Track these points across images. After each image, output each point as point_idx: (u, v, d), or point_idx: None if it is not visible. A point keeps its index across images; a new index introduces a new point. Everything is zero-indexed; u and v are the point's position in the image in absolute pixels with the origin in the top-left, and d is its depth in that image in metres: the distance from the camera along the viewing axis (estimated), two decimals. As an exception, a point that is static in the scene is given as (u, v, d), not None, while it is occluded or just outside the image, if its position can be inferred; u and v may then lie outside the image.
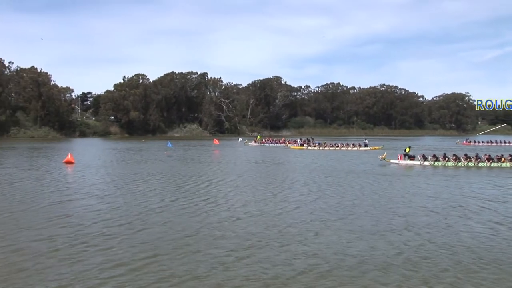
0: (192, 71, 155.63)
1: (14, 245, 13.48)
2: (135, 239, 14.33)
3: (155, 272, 11.39)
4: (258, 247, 13.72)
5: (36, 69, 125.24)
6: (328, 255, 12.88)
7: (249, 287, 10.65)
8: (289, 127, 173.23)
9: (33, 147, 69.54)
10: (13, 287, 10.39)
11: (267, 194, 23.70)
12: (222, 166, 40.08)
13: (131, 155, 54.57)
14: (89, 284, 10.54)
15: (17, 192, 23.50)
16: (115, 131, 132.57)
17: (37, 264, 11.76)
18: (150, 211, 18.76)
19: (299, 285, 10.71)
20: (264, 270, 11.68)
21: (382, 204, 20.90)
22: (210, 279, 11.02)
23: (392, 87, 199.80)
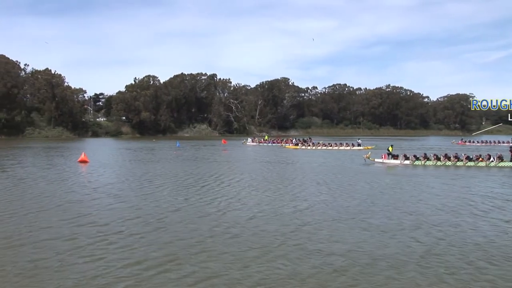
0: (201, 73, 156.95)
1: (37, 242, 13.91)
2: (153, 238, 14.66)
3: (174, 271, 11.66)
4: (275, 245, 14.06)
5: (50, 71, 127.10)
6: (343, 253, 13.22)
7: (267, 285, 10.88)
8: (297, 127, 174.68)
9: (48, 147, 71.05)
10: (37, 284, 10.74)
11: (279, 192, 24.08)
12: (232, 165, 40.85)
13: (143, 154, 55.48)
14: (109, 282, 10.85)
15: (37, 190, 24.11)
16: (126, 131, 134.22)
17: (59, 262, 12.13)
18: (167, 210, 19.16)
19: (316, 283, 11.03)
20: (282, 268, 11.98)
21: (390, 202, 21.13)
22: (228, 278, 11.28)
23: (398, 88, 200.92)
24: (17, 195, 22.68)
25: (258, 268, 11.99)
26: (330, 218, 17.90)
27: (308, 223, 17.11)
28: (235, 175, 32.96)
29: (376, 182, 29.22)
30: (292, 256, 12.92)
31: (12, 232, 15.12)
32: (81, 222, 16.60)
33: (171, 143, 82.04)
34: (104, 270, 11.58)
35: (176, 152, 59.58)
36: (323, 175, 32.75)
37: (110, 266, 11.84)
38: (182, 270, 11.77)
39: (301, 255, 13.09)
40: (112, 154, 56.82)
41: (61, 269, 11.64)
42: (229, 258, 12.74)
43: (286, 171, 36.25)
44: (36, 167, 37.57)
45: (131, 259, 12.48)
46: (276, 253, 13.26)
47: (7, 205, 19.85)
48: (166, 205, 20.23)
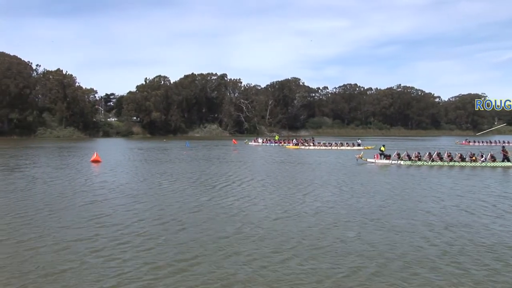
0: (212, 73, 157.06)
1: (57, 244, 13.60)
2: (174, 240, 14.32)
3: (198, 274, 11.35)
4: (302, 246, 13.72)
5: (62, 71, 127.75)
6: (373, 255, 12.84)
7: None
8: (307, 128, 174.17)
9: (61, 147, 71.34)
10: (61, 285, 10.54)
11: (298, 193, 23.66)
12: (245, 165, 40.56)
13: (155, 154, 55.36)
14: (131, 286, 10.57)
15: (53, 190, 23.90)
16: (137, 131, 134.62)
17: (82, 263, 11.89)
18: (187, 210, 18.83)
19: (350, 285, 10.76)
20: (311, 270, 11.64)
21: (406, 202, 20.74)
22: (255, 281, 10.94)
23: (409, 88, 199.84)
24: (36, 195, 22.42)
25: (287, 271, 11.62)
26: (353, 219, 17.53)
27: (333, 224, 16.73)
28: (250, 175, 32.67)
29: (378, 182, 28.91)
30: (322, 259, 12.55)
31: (35, 232, 14.84)
32: (102, 223, 16.33)
33: (182, 143, 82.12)
34: (127, 272, 11.34)
35: (186, 152, 59.56)
36: (333, 175, 32.68)
37: (131, 270, 11.56)
38: (206, 272, 11.48)
39: (330, 257, 12.75)
40: (124, 154, 56.71)
41: (84, 271, 11.38)
42: (257, 261, 12.35)
43: (297, 171, 35.90)
44: (51, 167, 37.44)
45: (153, 261, 12.20)
46: (305, 255, 12.86)
47: (28, 205, 19.60)
48: (186, 206, 19.91)
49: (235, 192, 24.32)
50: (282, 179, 30.54)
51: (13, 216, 17.35)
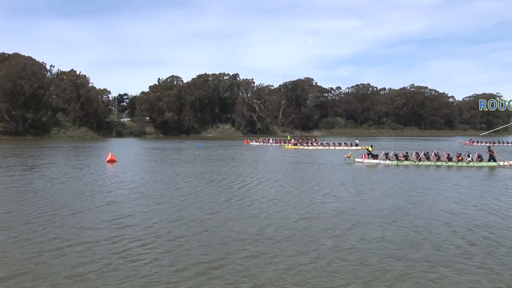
0: (224, 73, 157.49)
1: (80, 245, 13.41)
2: (197, 241, 14.02)
3: (223, 276, 11.07)
4: (327, 247, 13.41)
5: (75, 72, 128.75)
6: (399, 256, 12.50)
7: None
8: (320, 128, 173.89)
9: (76, 146, 71.84)
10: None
11: (317, 193, 23.17)
12: (260, 165, 40.22)
13: (170, 154, 55.36)
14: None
15: (71, 191, 23.72)
16: (150, 131, 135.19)
17: (105, 266, 11.63)
18: (206, 211, 18.53)
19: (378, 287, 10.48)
20: (338, 271, 11.35)
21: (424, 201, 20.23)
22: (282, 282, 10.70)
23: (422, 87, 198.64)
24: (56, 195, 22.25)
25: (315, 272, 11.33)
26: (374, 220, 17.17)
27: (355, 224, 16.43)
28: (265, 174, 32.43)
29: (389, 182, 28.33)
30: (348, 260, 12.24)
31: (57, 233, 14.61)
32: (123, 223, 16.10)
33: (195, 144, 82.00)
34: (152, 274, 11.09)
35: (198, 152, 59.50)
36: (344, 174, 32.57)
37: (157, 270, 11.34)
38: (231, 274, 11.18)
39: (355, 257, 12.43)
40: (139, 154, 56.74)
41: (108, 273, 11.13)
42: (282, 262, 12.02)
43: (310, 171, 35.63)
44: (68, 166, 37.45)
45: (177, 262, 11.93)
46: (330, 256, 12.57)
47: (48, 205, 19.45)
48: (206, 206, 19.63)
49: (253, 192, 24.04)
50: (297, 178, 30.28)
51: (34, 216, 17.20)
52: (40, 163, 40.24)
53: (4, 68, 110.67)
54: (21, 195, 22.13)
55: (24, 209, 18.55)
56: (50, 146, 73.59)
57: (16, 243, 13.50)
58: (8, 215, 17.39)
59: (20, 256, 12.20)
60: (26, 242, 13.53)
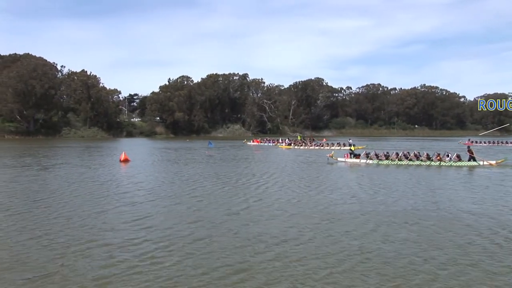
0: (234, 73, 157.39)
1: (101, 247, 13.11)
2: (221, 242, 13.67)
3: (249, 280, 10.71)
4: (353, 248, 13.07)
5: (86, 72, 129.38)
6: (427, 258, 12.04)
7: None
8: (330, 128, 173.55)
9: (88, 146, 72.11)
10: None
11: (337, 194, 22.58)
12: (272, 165, 39.71)
13: (182, 154, 55.24)
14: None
15: (90, 191, 23.44)
16: (160, 131, 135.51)
17: (129, 268, 11.35)
18: (226, 212, 18.19)
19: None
20: (366, 273, 11.03)
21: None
22: (314, 285, 10.38)
23: (433, 87, 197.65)
24: (73, 195, 22.01)
25: (344, 275, 10.99)
26: (395, 220, 16.81)
27: (378, 225, 16.08)
28: (280, 175, 32.06)
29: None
30: (375, 262, 11.88)
31: (79, 234, 14.33)
32: (143, 225, 15.78)
33: (206, 143, 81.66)
34: (177, 276, 10.82)
35: (209, 151, 59.37)
36: (359, 175, 32.36)
37: (182, 273, 11.04)
38: (258, 278, 10.80)
39: (383, 259, 12.09)
40: (151, 153, 56.64)
41: (133, 275, 10.85)
42: (310, 265, 11.64)
43: (323, 171, 35.28)
44: (83, 166, 37.35)
45: (202, 264, 11.61)
46: (357, 258, 12.22)
47: (67, 205, 19.18)
48: (225, 207, 19.27)
49: (271, 193, 23.63)
50: (312, 178, 29.98)
51: (54, 216, 16.98)
52: (55, 163, 40.24)
53: (16, 69, 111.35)
54: (39, 195, 21.95)
55: (43, 209, 18.33)
56: (62, 146, 73.83)
57: (39, 243, 13.26)
58: (28, 215, 17.19)
59: (44, 258, 11.95)
60: (48, 243, 13.28)
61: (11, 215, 17.14)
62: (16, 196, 21.71)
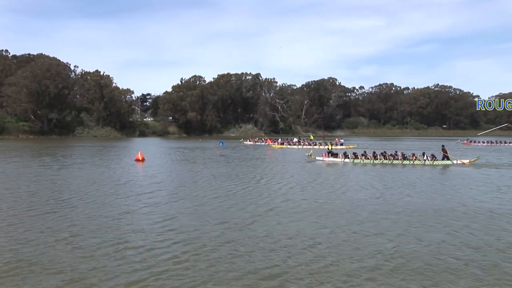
0: (246, 72, 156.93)
1: (132, 249, 12.89)
2: (252, 245, 13.29)
3: (291, 283, 10.43)
4: (393, 251, 12.63)
5: (99, 72, 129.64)
6: (468, 260, 11.48)
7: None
8: (343, 128, 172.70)
9: (103, 146, 72.34)
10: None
11: (361, 194, 22.17)
12: (290, 166, 39.26)
13: (198, 153, 55.40)
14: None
15: (111, 191, 23.19)
16: (173, 131, 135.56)
17: (162, 272, 11.07)
18: (253, 213, 17.76)
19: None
20: (415, 278, 10.58)
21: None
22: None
23: (446, 87, 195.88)
24: (95, 196, 21.70)
25: (385, 277, 10.67)
26: (426, 220, 16.48)
27: (410, 225, 15.82)
28: (299, 175, 31.74)
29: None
30: (412, 265, 11.49)
31: (105, 236, 13.98)
32: (170, 227, 15.41)
33: (218, 143, 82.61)
34: (210, 282, 10.44)
35: (220, 151, 59.38)
36: (382, 174, 31.51)
37: (213, 278, 10.67)
38: (296, 282, 10.44)
39: (422, 262, 11.70)
40: (166, 153, 56.60)
41: (164, 281, 10.48)
42: (348, 268, 11.25)
43: (341, 170, 34.87)
44: (102, 166, 37.26)
45: (234, 270, 11.18)
46: (396, 261, 11.82)
47: (90, 206, 18.87)
48: (251, 208, 18.92)
49: (294, 193, 23.15)
50: (332, 178, 29.57)
51: (80, 218, 16.67)
52: (73, 162, 40.28)
53: (30, 69, 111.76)
54: (61, 195, 21.72)
55: (68, 209, 18.05)
56: (78, 145, 74.14)
57: (66, 246, 12.93)
58: (53, 215, 16.91)
59: (72, 261, 11.61)
60: (76, 246, 12.96)
61: (37, 216, 16.86)
62: (40, 196, 21.45)
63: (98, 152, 56.69)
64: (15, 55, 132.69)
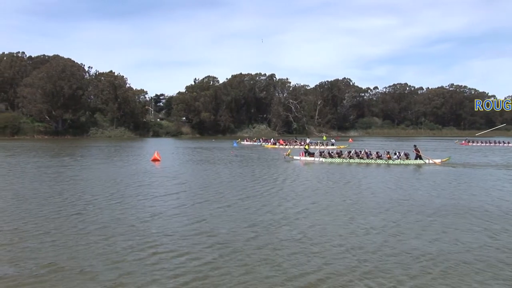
0: (260, 73, 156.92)
1: (165, 253, 12.48)
2: (291, 248, 12.80)
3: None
4: (436, 254, 12.00)
5: (113, 73, 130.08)
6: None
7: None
8: (357, 128, 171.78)
9: (118, 146, 72.60)
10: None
11: (391, 196, 21.41)
12: (315, 167, 38.72)
13: (213, 153, 55.38)
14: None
15: (137, 193, 22.77)
16: (186, 131, 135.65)
17: (203, 279, 10.68)
18: (282, 216, 17.20)
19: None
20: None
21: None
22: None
23: (461, 87, 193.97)
24: (120, 198, 21.32)
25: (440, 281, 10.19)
26: (464, 221, 15.57)
27: (447, 227, 15.12)
28: (323, 176, 31.09)
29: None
30: (467, 272, 10.82)
31: (136, 241, 13.47)
32: (201, 230, 14.89)
33: (231, 143, 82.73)
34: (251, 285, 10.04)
35: (233, 151, 59.26)
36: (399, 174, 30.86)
37: (253, 283, 10.22)
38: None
39: (473, 269, 10.99)
40: (181, 153, 56.71)
41: (206, 285, 10.09)
42: (393, 276, 10.63)
43: (366, 171, 34.15)
44: (122, 167, 37.02)
45: (275, 276, 10.64)
46: (442, 265, 11.37)
47: (116, 209, 18.39)
48: (280, 210, 18.39)
49: (322, 195, 22.51)
50: (358, 178, 28.86)
51: (107, 220, 16.25)
52: (93, 163, 40.28)
53: (45, 70, 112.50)
54: (86, 196, 21.34)
55: (94, 212, 17.61)
56: (93, 145, 74.26)
57: (97, 250, 12.49)
58: (80, 217, 16.50)
59: (103, 267, 11.13)
60: (106, 250, 12.50)
61: (64, 217, 16.51)
62: (65, 197, 21.07)
63: (116, 152, 56.71)
64: (30, 56, 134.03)
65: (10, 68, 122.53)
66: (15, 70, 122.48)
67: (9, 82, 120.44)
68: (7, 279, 10.34)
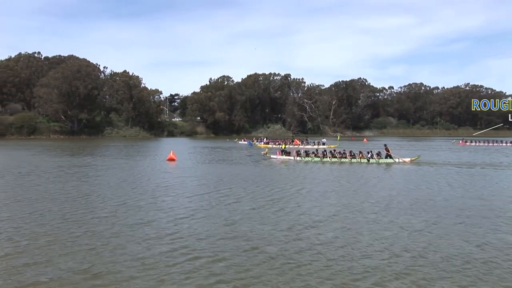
0: (275, 73, 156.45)
1: (197, 259, 12.15)
2: (330, 256, 12.30)
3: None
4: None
5: (128, 73, 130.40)
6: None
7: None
8: (371, 128, 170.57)
9: (135, 146, 72.83)
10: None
11: (417, 199, 20.69)
12: (330, 167, 38.19)
13: (227, 153, 55.35)
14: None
15: (163, 193, 22.64)
16: (201, 131, 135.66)
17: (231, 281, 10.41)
18: (319, 220, 16.62)
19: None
20: None
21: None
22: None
23: (478, 86, 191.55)
24: (149, 198, 21.08)
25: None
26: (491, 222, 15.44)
27: (489, 231, 14.21)
28: (341, 178, 30.41)
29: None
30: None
31: (170, 246, 13.10)
32: (235, 233, 14.49)
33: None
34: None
35: (247, 151, 59.20)
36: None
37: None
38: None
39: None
40: (198, 152, 56.81)
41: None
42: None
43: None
44: (143, 167, 37.03)
45: (321, 284, 10.26)
46: (484, 267, 11.10)
47: (147, 211, 18.13)
48: (310, 213, 17.78)
49: (342, 197, 21.91)
50: (379, 180, 28.34)
51: (135, 222, 15.92)
52: (115, 162, 40.34)
53: (61, 70, 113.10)
54: (114, 198, 21.03)
55: (124, 214, 17.23)
56: (110, 145, 74.59)
57: (130, 254, 12.14)
58: (111, 220, 16.18)
59: (126, 272, 10.81)
60: (142, 255, 12.12)
61: (96, 219, 16.29)
62: (93, 199, 20.77)
63: (134, 152, 56.84)
64: (47, 56, 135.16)
65: (27, 69, 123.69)
66: (31, 71, 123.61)
67: (25, 82, 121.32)
68: (44, 284, 10.09)
